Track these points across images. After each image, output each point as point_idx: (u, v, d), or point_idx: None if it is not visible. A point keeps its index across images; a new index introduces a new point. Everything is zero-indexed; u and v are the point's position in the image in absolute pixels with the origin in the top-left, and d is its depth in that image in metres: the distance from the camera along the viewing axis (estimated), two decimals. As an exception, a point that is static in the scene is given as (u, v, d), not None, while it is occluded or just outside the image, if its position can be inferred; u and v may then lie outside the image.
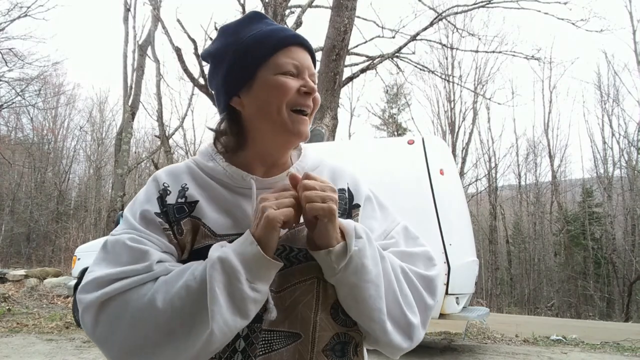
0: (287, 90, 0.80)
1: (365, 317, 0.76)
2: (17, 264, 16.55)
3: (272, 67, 0.81)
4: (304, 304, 0.76)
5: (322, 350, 0.76)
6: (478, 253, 7.77)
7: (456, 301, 5.01)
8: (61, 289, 9.51)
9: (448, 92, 20.33)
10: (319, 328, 0.76)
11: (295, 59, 0.82)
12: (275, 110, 0.80)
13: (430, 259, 0.87)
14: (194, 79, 9.46)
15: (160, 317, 0.69)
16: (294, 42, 0.83)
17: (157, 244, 0.77)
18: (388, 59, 10.12)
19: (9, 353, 4.98)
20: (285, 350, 0.74)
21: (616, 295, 16.91)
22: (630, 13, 17.22)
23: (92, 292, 0.72)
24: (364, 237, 0.75)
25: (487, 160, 20.70)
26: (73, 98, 23.09)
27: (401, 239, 0.88)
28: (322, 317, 0.77)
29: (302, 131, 0.82)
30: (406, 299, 0.79)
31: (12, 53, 12.89)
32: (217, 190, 0.82)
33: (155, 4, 13.03)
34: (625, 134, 18.43)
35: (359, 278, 0.74)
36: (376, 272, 0.75)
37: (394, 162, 5.30)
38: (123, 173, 14.45)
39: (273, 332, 0.75)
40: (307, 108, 0.82)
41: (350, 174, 0.93)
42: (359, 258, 0.73)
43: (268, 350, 0.74)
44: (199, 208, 0.80)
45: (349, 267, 0.73)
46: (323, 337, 0.76)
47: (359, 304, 0.75)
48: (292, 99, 0.81)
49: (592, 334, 7.40)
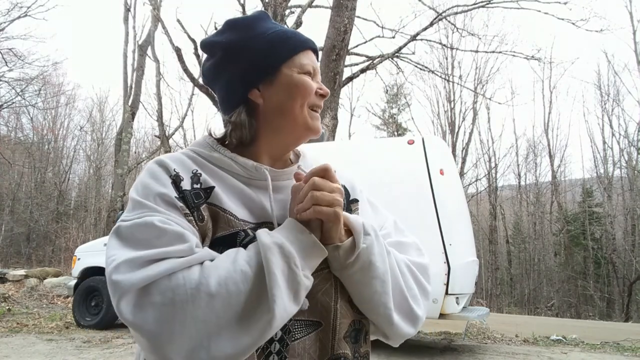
0: (309, 89, 0.84)
1: (371, 311, 0.79)
2: (17, 264, 16.55)
3: (297, 66, 0.84)
4: (322, 292, 0.77)
5: (343, 337, 0.77)
6: (478, 253, 7.77)
7: (456, 301, 5.01)
8: (61, 289, 9.51)
9: (448, 92, 20.36)
10: (339, 315, 0.77)
11: (313, 61, 0.88)
12: (299, 106, 0.84)
13: (419, 248, 0.92)
14: (194, 79, 9.46)
15: (215, 303, 0.64)
16: (311, 46, 0.89)
17: (187, 228, 0.71)
18: (388, 59, 10.12)
19: (9, 353, 4.98)
20: (307, 338, 0.75)
21: (616, 295, 16.92)
22: (630, 13, 17.25)
23: (130, 272, 0.65)
24: (372, 234, 0.77)
25: (487, 160, 20.74)
26: (73, 98, 23.14)
27: (392, 231, 0.92)
28: (341, 305, 0.78)
29: (318, 127, 0.88)
30: (411, 291, 0.82)
31: (12, 53, 12.91)
32: (229, 180, 0.81)
33: (155, 4, 13.03)
34: (625, 134, 18.46)
35: (365, 274, 0.76)
36: (383, 269, 0.77)
37: (394, 162, 5.30)
38: (123, 173, 14.45)
39: (293, 322, 0.74)
40: (319, 108, 0.89)
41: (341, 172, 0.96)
42: (367, 255, 0.76)
43: (291, 339, 0.74)
44: (216, 194, 0.77)
45: (356, 264, 0.75)
46: (343, 325, 0.78)
47: (364, 299, 0.78)
48: (312, 98, 0.85)
49: (592, 334, 7.40)
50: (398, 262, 0.82)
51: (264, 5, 8.67)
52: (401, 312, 0.80)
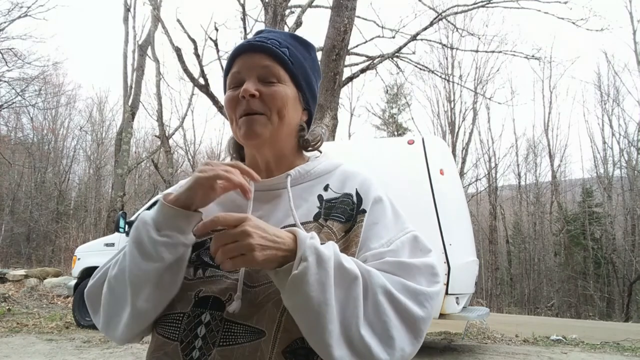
0: (232, 103, 0.87)
1: (309, 341, 0.72)
2: (17, 264, 16.55)
3: (228, 83, 0.89)
4: (273, 302, 0.75)
5: (282, 352, 0.73)
6: (478, 253, 7.77)
7: (456, 301, 5.01)
8: (61, 289, 9.51)
9: (448, 92, 20.35)
10: (282, 328, 0.74)
11: (236, 69, 0.88)
12: (233, 123, 0.88)
13: (434, 274, 0.79)
14: (194, 79, 9.45)
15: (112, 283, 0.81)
16: (239, 53, 0.88)
17: None
18: (388, 59, 10.12)
19: (9, 353, 4.98)
20: (249, 345, 0.74)
21: (616, 295, 16.92)
22: (630, 13, 17.26)
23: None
24: (309, 260, 0.68)
25: (487, 160, 20.74)
26: (73, 98, 23.12)
27: (405, 249, 0.81)
28: (287, 318, 0.73)
29: (247, 131, 0.85)
30: (377, 328, 0.71)
31: (12, 53, 12.90)
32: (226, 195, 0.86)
33: (155, 4, 13.03)
34: (625, 134, 18.47)
35: (298, 304, 0.69)
36: (320, 300, 0.68)
37: (394, 162, 5.29)
38: (123, 173, 14.45)
39: (239, 326, 0.75)
40: (252, 112, 0.84)
41: (362, 178, 0.90)
42: (298, 283, 0.67)
43: (232, 342, 0.74)
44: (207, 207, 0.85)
45: (289, 291, 0.69)
46: (285, 338, 0.74)
47: (302, 329, 0.71)
48: (240, 109, 0.85)
49: (592, 334, 7.40)
50: (373, 288, 0.72)
51: (264, 5, 8.67)
52: (352, 348, 0.70)
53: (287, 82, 0.86)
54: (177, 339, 0.77)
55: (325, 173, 0.91)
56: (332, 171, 0.92)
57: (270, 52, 0.86)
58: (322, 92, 6.73)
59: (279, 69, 0.86)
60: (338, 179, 0.90)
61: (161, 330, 0.80)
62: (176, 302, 0.80)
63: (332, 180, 0.89)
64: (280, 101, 0.84)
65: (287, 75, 0.87)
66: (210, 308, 0.77)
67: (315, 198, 0.86)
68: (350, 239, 0.82)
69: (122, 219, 6.75)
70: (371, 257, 0.79)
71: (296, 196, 0.85)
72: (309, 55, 0.93)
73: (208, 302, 0.78)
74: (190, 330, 0.77)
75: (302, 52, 0.91)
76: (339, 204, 0.85)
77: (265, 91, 0.84)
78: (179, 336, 0.77)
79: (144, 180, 24.05)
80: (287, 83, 0.86)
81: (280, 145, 0.89)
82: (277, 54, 0.86)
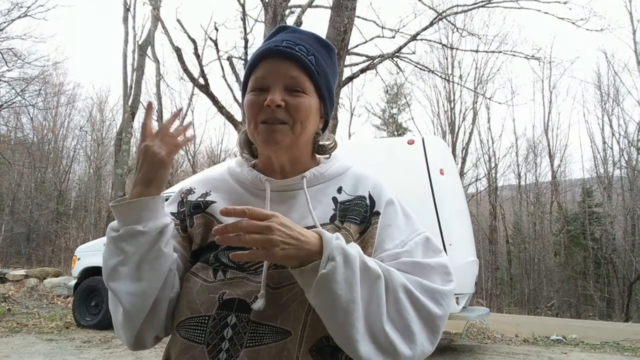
0: (254, 108, 0.86)
1: (335, 339, 0.74)
2: (17, 264, 16.55)
3: (250, 86, 0.88)
4: (298, 303, 0.77)
5: (309, 351, 0.76)
6: (478, 253, 7.77)
7: (456, 301, 5.01)
8: (61, 289, 9.51)
9: (448, 92, 20.34)
10: (308, 327, 0.76)
11: (266, 71, 0.86)
12: (251, 126, 0.87)
13: (447, 273, 0.83)
14: (194, 79, 9.45)
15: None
16: (265, 56, 0.87)
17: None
18: (388, 59, 10.12)
19: (9, 353, 4.98)
20: (275, 345, 0.75)
21: (616, 295, 16.92)
22: (630, 13, 17.26)
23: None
24: (337, 259, 0.71)
25: (487, 160, 20.73)
26: (73, 98, 23.11)
27: (419, 250, 0.85)
28: (312, 318, 0.76)
29: (272, 139, 0.85)
30: (401, 322, 0.75)
31: (12, 53, 12.91)
32: (239, 194, 0.91)
33: (155, 4, 13.02)
34: (625, 134, 18.48)
35: (326, 302, 0.71)
36: (348, 298, 0.70)
37: (394, 162, 5.29)
38: (123, 173, 14.45)
39: (265, 326, 0.76)
40: (274, 119, 0.84)
41: (374, 181, 0.93)
42: (327, 282, 0.70)
43: (258, 343, 0.75)
44: (214, 207, 0.89)
45: (316, 290, 0.71)
46: (311, 337, 0.76)
47: (329, 327, 0.73)
48: (261, 115, 0.85)
49: (592, 334, 7.40)
50: (394, 287, 0.75)
51: (264, 5, 8.67)
52: (376, 344, 0.73)
53: (311, 94, 0.87)
54: (204, 341, 0.78)
55: (338, 175, 0.93)
56: (343, 173, 0.94)
57: (299, 62, 0.85)
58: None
59: (305, 80, 0.86)
60: (350, 181, 0.92)
61: (185, 334, 0.81)
62: (199, 305, 0.80)
63: (345, 182, 0.92)
64: (304, 113, 0.85)
65: (313, 87, 0.87)
66: (236, 310, 0.78)
67: (330, 200, 0.88)
68: (366, 240, 0.85)
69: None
70: (387, 257, 0.82)
71: (311, 198, 0.86)
72: (330, 61, 0.93)
73: (233, 305, 0.79)
74: (217, 333, 0.77)
75: (326, 59, 0.91)
76: (353, 206, 0.88)
77: (291, 102, 0.84)
78: (205, 339, 0.78)
79: (143, 180, 24.00)
80: (312, 94, 0.87)
81: (297, 151, 0.90)
82: (305, 64, 0.86)
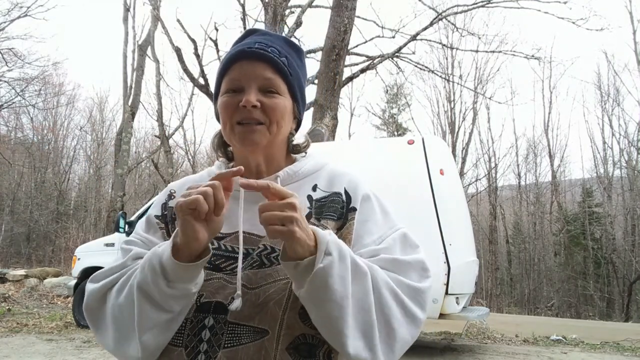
0: (229, 110, 0.86)
1: (324, 334, 0.75)
2: (17, 264, 16.55)
3: (224, 88, 0.88)
4: (275, 302, 0.78)
5: (286, 348, 0.77)
6: (478, 253, 7.77)
7: (456, 301, 5.01)
8: (61, 289, 9.51)
9: (448, 92, 20.34)
10: (285, 326, 0.77)
11: (235, 76, 0.86)
12: (227, 127, 0.87)
13: (424, 269, 0.84)
14: (194, 79, 9.46)
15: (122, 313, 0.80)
16: (238, 58, 0.87)
17: (146, 243, 0.88)
18: (388, 59, 10.13)
19: (9, 353, 4.98)
20: (253, 345, 0.76)
21: (616, 295, 16.91)
22: (630, 13, 17.25)
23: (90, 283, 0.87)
24: (333, 254, 0.71)
25: (487, 160, 20.71)
26: (73, 98, 23.11)
27: (397, 246, 0.86)
28: (289, 316, 0.77)
29: (246, 139, 0.85)
30: (387, 318, 0.76)
31: (12, 53, 12.91)
32: None
33: (155, 4, 13.02)
34: (625, 134, 18.46)
35: (320, 296, 0.71)
36: (342, 293, 0.71)
37: (394, 162, 5.29)
38: (123, 173, 14.46)
39: (242, 327, 0.77)
40: (250, 120, 0.84)
41: (349, 177, 0.93)
42: (323, 277, 0.70)
43: (236, 343, 0.76)
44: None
45: (311, 284, 0.71)
46: (288, 335, 0.77)
47: (319, 321, 0.74)
48: (236, 116, 0.85)
49: (592, 334, 7.40)
50: (378, 284, 0.76)
51: (264, 6, 8.67)
52: (364, 339, 0.74)
53: (285, 94, 0.88)
54: (182, 344, 0.79)
55: (313, 172, 0.93)
56: (318, 171, 0.94)
57: (272, 63, 0.87)
58: (322, 92, 6.73)
59: (279, 82, 0.87)
60: (325, 178, 0.93)
61: None
62: None
63: (320, 179, 0.92)
64: (280, 113, 0.86)
65: (286, 88, 0.88)
66: (213, 312, 0.79)
67: (305, 199, 0.88)
68: (344, 236, 0.85)
69: (122, 219, 6.75)
70: (366, 253, 0.82)
71: None
72: (301, 63, 0.95)
73: (210, 307, 0.79)
74: (195, 335, 0.79)
75: (296, 60, 0.93)
76: (329, 203, 0.88)
77: (266, 102, 0.85)
78: (183, 341, 0.79)
79: (144, 180, 24.04)
80: (285, 95, 0.88)
81: (272, 151, 0.91)
82: (279, 66, 0.87)
